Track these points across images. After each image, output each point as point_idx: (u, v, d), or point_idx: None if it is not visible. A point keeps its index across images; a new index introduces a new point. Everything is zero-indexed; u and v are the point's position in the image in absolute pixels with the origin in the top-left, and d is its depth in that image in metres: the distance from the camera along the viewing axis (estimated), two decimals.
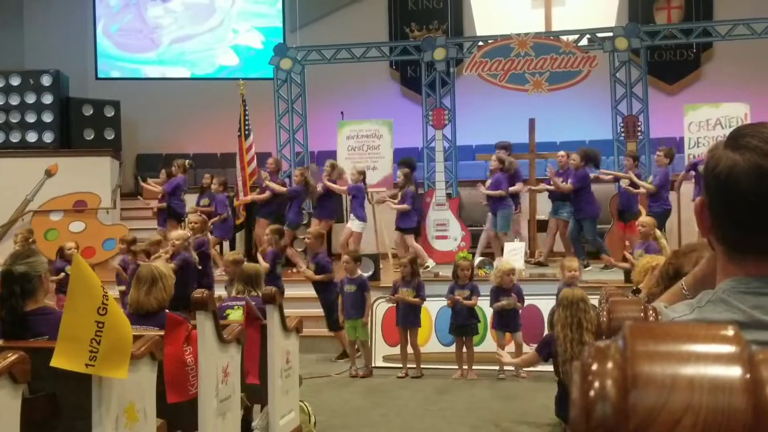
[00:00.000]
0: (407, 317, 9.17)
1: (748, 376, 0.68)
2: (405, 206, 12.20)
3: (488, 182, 12.24)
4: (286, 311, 6.25)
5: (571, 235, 11.87)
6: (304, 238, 11.24)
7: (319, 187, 12.42)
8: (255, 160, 14.07)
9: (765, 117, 12.13)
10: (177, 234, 9.33)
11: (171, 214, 12.73)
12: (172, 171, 13.08)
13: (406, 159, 12.98)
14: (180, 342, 4.61)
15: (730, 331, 0.73)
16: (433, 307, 9.61)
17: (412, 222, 12.39)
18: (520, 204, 13.00)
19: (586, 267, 11.26)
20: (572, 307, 5.92)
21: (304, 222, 12.87)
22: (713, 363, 0.70)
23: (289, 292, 9.93)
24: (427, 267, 11.85)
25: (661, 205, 11.66)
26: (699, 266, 1.68)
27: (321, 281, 9.62)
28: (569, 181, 11.82)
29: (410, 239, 12.25)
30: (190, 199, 13.30)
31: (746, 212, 1.29)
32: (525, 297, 9.02)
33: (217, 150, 17.50)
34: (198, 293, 4.91)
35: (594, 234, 11.71)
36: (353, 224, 12.15)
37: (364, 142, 13.92)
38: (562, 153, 12.50)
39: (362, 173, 12.47)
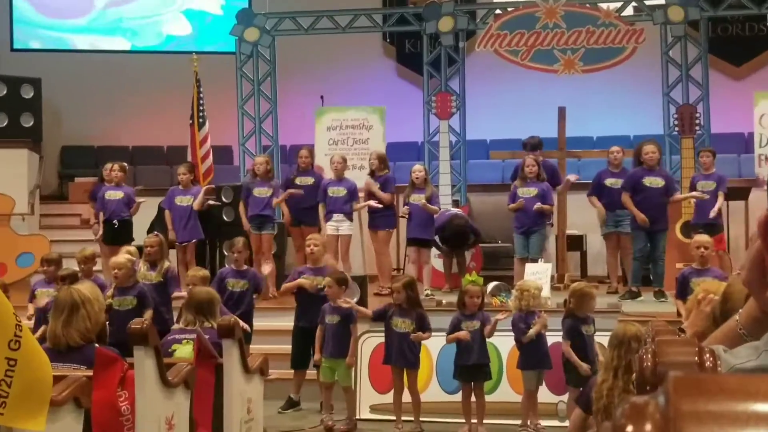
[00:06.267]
0: (402, 354, 8.84)
1: None
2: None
3: (531, 192, 11.79)
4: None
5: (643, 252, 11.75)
6: None
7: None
8: (211, 155, 14.03)
9: None
10: (116, 262, 9.09)
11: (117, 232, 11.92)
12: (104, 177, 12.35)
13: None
14: (113, 385, 4.61)
15: None
16: (435, 345, 9.46)
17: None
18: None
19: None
20: (621, 348, 5.87)
21: None
22: None
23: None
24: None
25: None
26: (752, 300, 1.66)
27: None
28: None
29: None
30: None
31: None
32: (551, 332, 8.98)
33: (163, 142, 17.52)
34: (136, 323, 4.91)
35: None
36: (345, 225, 12.03)
37: (349, 134, 13.97)
38: (616, 148, 12.39)
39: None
